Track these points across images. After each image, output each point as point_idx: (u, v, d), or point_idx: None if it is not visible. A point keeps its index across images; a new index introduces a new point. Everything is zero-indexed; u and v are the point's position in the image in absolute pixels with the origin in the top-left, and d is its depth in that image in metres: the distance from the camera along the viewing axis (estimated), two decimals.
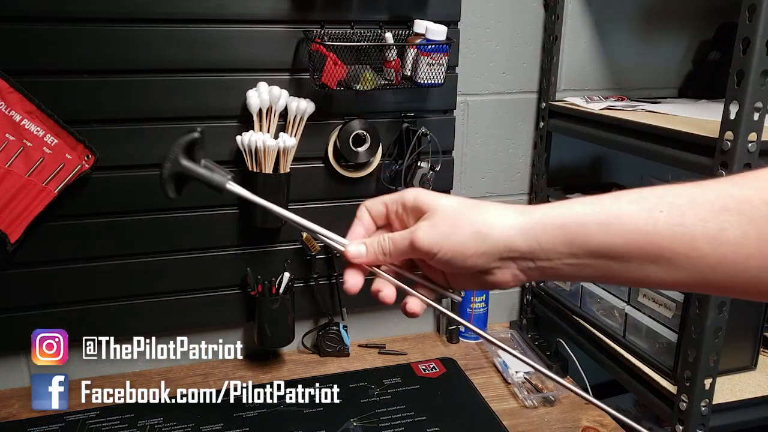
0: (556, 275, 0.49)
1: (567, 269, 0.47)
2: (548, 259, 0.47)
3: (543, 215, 0.47)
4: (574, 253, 0.46)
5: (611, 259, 0.46)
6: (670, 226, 0.43)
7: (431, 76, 1.18)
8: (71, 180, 1.13)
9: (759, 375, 1.17)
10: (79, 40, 1.11)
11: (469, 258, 0.48)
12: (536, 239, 0.47)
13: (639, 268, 0.45)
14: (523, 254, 0.48)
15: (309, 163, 1.28)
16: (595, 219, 0.46)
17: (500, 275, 0.49)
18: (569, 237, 0.46)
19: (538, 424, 1.17)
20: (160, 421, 1.13)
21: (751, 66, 0.87)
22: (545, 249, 0.47)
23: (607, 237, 0.45)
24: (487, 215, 0.49)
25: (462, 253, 0.48)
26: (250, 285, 1.28)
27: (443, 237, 0.48)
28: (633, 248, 0.44)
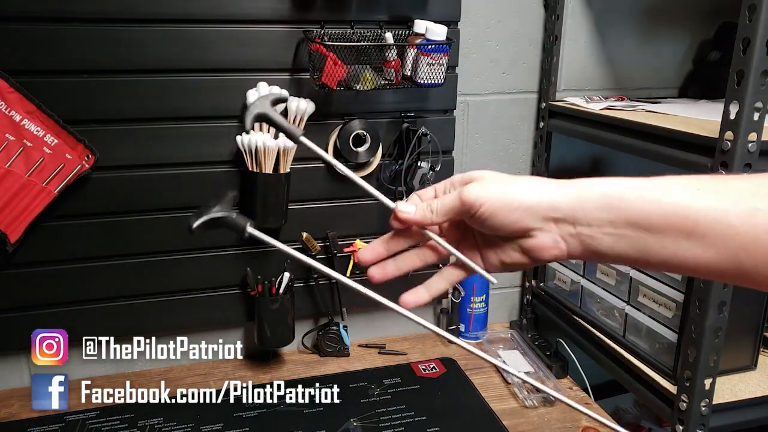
0: (593, 248, 0.49)
1: (605, 240, 0.48)
2: (588, 224, 0.48)
3: (584, 183, 0.50)
4: (613, 221, 0.48)
5: (647, 231, 0.46)
6: (706, 202, 0.45)
7: (431, 76, 1.18)
8: (71, 180, 1.13)
9: (759, 375, 1.17)
10: (79, 40, 1.11)
11: (514, 211, 0.49)
12: (579, 202, 0.48)
13: (674, 243, 0.46)
14: (566, 216, 0.49)
15: (309, 163, 1.28)
16: (635, 189, 0.48)
17: (542, 238, 0.50)
18: (609, 204, 0.48)
19: (538, 424, 1.17)
20: (160, 421, 1.13)
21: (751, 66, 0.87)
22: (586, 212, 0.48)
23: (645, 206, 0.46)
24: (532, 179, 0.51)
25: (508, 205, 0.50)
26: (250, 285, 1.28)
27: (490, 190, 0.50)
28: (669, 220, 0.45)
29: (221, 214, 0.59)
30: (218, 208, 0.59)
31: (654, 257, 0.47)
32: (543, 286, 1.50)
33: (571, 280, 1.39)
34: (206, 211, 0.60)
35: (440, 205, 0.53)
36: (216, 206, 0.60)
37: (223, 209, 0.59)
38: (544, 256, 0.51)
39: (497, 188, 0.50)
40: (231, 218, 0.59)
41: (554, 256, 0.51)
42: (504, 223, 0.50)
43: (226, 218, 0.59)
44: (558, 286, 1.45)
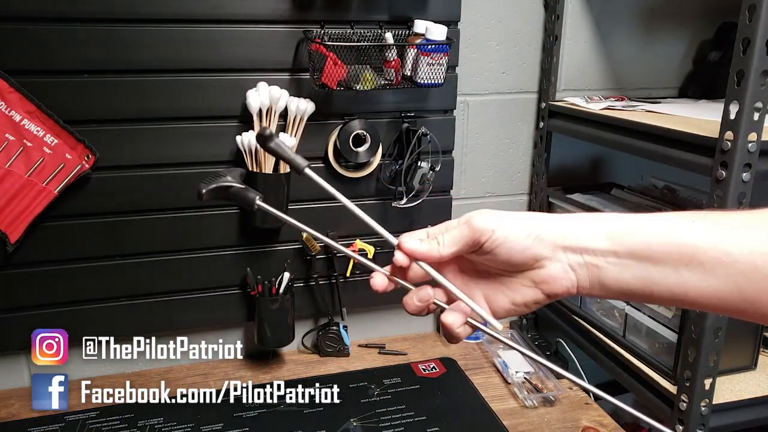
0: (600, 279, 0.50)
1: (610, 270, 0.49)
2: (594, 253, 0.49)
3: (586, 215, 0.51)
4: (616, 251, 0.48)
5: (649, 262, 0.47)
6: (704, 231, 0.46)
7: (431, 76, 1.18)
8: (71, 180, 1.13)
9: (759, 375, 1.17)
10: (79, 40, 1.11)
11: (525, 238, 0.49)
12: (583, 230, 0.49)
13: (675, 273, 0.47)
14: (573, 244, 0.49)
15: (309, 163, 1.27)
16: (634, 221, 0.49)
17: (553, 268, 0.50)
18: (610, 233, 0.49)
19: (538, 424, 1.17)
20: (160, 421, 1.13)
21: (751, 66, 0.87)
22: (591, 241, 0.49)
23: (644, 237, 0.48)
24: (534, 213, 0.52)
25: (518, 231, 0.50)
26: (250, 285, 1.28)
27: (502, 217, 0.50)
28: (668, 249, 0.46)
29: (233, 183, 0.59)
30: (229, 179, 0.59)
31: (657, 288, 0.48)
32: None
33: None
34: (217, 179, 0.59)
35: (448, 237, 0.52)
36: (227, 176, 0.59)
37: (234, 180, 0.59)
38: (557, 288, 0.51)
39: (507, 217, 0.50)
40: (241, 189, 0.59)
41: (566, 288, 0.51)
42: (516, 250, 0.50)
43: (237, 189, 0.58)
44: None
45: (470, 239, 0.50)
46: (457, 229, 0.51)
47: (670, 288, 0.47)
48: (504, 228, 0.49)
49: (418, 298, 0.53)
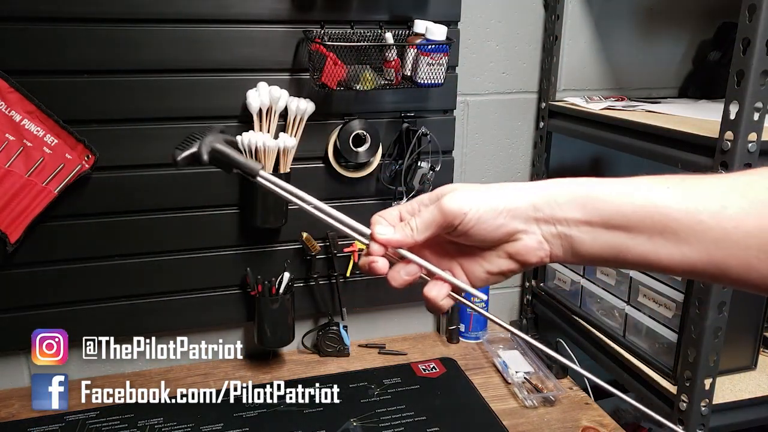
0: (574, 248, 0.49)
1: (583, 239, 0.48)
2: (567, 223, 0.48)
3: (556, 183, 0.50)
4: (589, 221, 0.48)
5: (622, 230, 0.47)
6: (677, 199, 0.45)
7: (431, 76, 1.18)
8: (71, 180, 1.13)
9: (759, 375, 1.17)
10: (78, 40, 1.11)
11: (498, 215, 0.49)
12: (555, 199, 0.48)
13: (648, 241, 0.46)
14: (545, 215, 0.49)
15: (309, 163, 1.28)
16: (607, 189, 0.48)
17: (527, 240, 0.50)
18: (583, 201, 0.48)
19: (538, 424, 1.17)
20: (160, 421, 1.13)
21: (751, 66, 0.87)
22: (563, 210, 0.48)
23: (618, 205, 0.47)
24: (506, 184, 0.51)
25: (492, 210, 0.49)
26: (250, 285, 1.28)
27: (472, 197, 0.49)
28: (642, 218, 0.46)
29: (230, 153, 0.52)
30: (211, 138, 0.52)
31: (630, 256, 0.48)
32: (543, 286, 1.50)
33: (571, 280, 1.39)
34: (195, 142, 0.52)
35: (420, 222, 0.51)
36: (209, 137, 0.52)
37: (225, 143, 0.52)
38: (531, 258, 0.50)
39: (477, 195, 0.49)
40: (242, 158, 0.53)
41: (540, 258, 0.50)
42: (489, 229, 0.49)
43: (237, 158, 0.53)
44: (558, 286, 1.45)
45: (443, 223, 0.50)
46: (429, 213, 0.50)
47: (643, 255, 0.47)
48: (475, 208, 0.49)
49: (405, 272, 0.53)
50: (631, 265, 0.49)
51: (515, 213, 0.49)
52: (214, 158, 0.52)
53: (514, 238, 0.50)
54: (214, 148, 0.52)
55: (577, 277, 1.37)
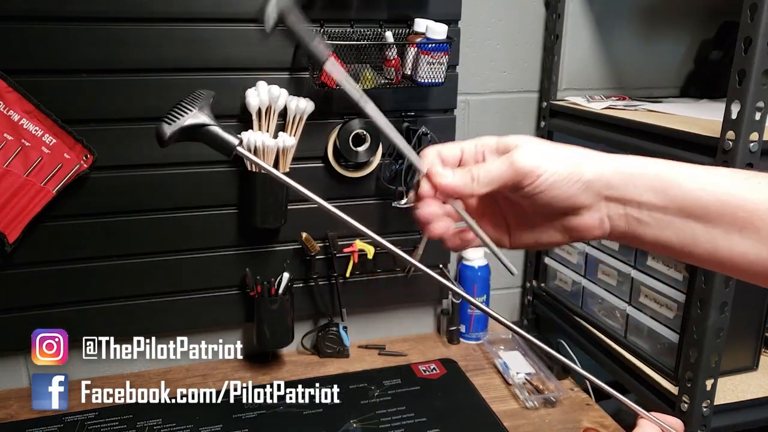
0: (638, 233, 0.46)
1: (652, 225, 0.45)
2: (638, 206, 0.45)
3: (636, 161, 0.46)
4: (665, 206, 0.45)
5: (699, 220, 0.44)
6: (763, 194, 0.43)
7: (431, 75, 1.18)
8: (70, 180, 1.13)
9: (761, 375, 1.16)
10: (77, 40, 1.11)
11: (574, 184, 0.45)
12: (632, 181, 0.45)
13: (724, 236, 0.44)
14: (618, 195, 0.46)
15: (308, 162, 1.27)
16: (690, 176, 0.45)
17: (588, 218, 0.47)
18: (664, 186, 0.45)
19: (539, 425, 1.16)
20: (159, 422, 1.13)
21: (752, 65, 0.86)
22: (639, 193, 0.45)
23: (701, 194, 0.44)
24: (583, 151, 0.46)
25: (568, 177, 0.45)
26: (249, 285, 1.28)
27: (548, 157, 0.44)
28: (725, 210, 0.43)
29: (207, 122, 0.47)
30: (198, 115, 0.48)
31: (699, 249, 0.45)
32: (544, 286, 1.50)
33: (572, 281, 1.38)
34: (184, 114, 0.48)
35: (484, 173, 0.45)
36: (194, 109, 0.48)
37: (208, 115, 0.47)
38: (587, 236, 0.47)
39: (554, 155, 0.45)
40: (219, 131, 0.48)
41: (596, 236, 0.47)
42: (558, 198, 0.45)
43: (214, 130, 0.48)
44: (559, 286, 1.45)
45: (511, 180, 0.45)
46: (498, 166, 0.45)
47: (713, 250, 0.44)
48: (551, 171, 0.44)
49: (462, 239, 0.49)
50: (695, 259, 0.46)
51: (589, 185, 0.45)
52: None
53: (578, 212, 0.47)
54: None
55: (578, 278, 1.36)
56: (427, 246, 1.34)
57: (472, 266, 1.43)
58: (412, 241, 1.37)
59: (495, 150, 0.48)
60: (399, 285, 1.40)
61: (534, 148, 0.45)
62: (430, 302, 1.50)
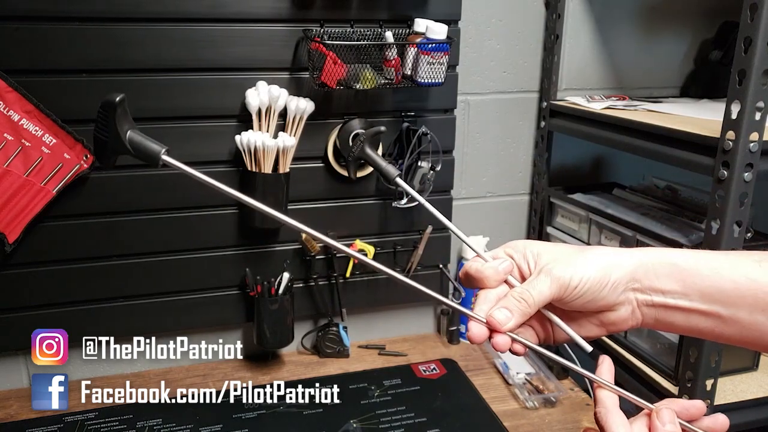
0: (667, 320, 0.50)
1: (679, 311, 0.49)
2: (663, 294, 0.49)
3: (653, 253, 0.50)
4: (686, 293, 0.49)
5: (721, 305, 0.48)
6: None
7: (431, 75, 1.18)
8: (70, 180, 1.13)
9: (760, 375, 1.16)
10: (77, 40, 1.11)
11: (603, 288, 0.49)
12: (654, 271, 0.50)
13: (749, 316, 0.47)
14: (643, 286, 0.50)
15: (308, 162, 1.27)
16: (706, 264, 0.49)
17: (622, 311, 0.51)
18: (682, 275, 0.49)
19: (539, 425, 1.16)
20: (158, 422, 1.13)
21: (752, 65, 0.86)
22: (661, 282, 0.49)
23: (718, 280, 0.48)
24: (603, 252, 0.51)
25: (599, 282, 0.49)
26: (249, 285, 1.27)
27: (580, 269, 0.50)
28: (743, 294, 0.47)
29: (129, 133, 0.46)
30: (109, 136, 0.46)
31: (728, 330, 0.48)
32: None
33: None
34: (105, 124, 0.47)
35: (537, 296, 0.50)
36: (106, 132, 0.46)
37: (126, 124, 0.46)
38: (622, 327, 0.52)
39: (584, 265, 0.50)
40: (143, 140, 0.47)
41: (631, 326, 0.52)
42: (593, 300, 0.50)
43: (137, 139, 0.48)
44: None
45: (557, 295, 0.50)
46: (544, 285, 0.50)
47: (742, 330, 0.48)
48: (588, 277, 0.49)
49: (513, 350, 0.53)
50: (727, 339, 0.49)
51: (617, 285, 0.50)
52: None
53: (612, 309, 0.51)
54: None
55: None
56: (427, 246, 1.35)
57: None
58: (411, 240, 1.37)
59: (525, 264, 0.53)
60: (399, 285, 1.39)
61: (566, 264, 0.50)
62: (430, 302, 1.50)
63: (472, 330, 0.51)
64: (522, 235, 1.53)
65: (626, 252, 0.51)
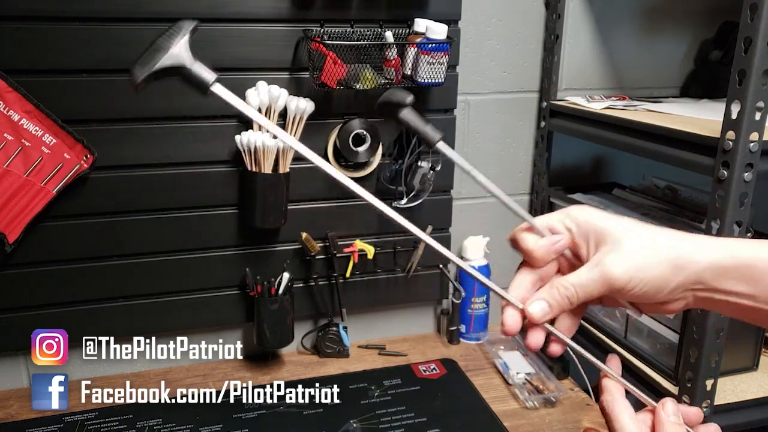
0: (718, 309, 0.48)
1: (739, 307, 0.47)
2: (726, 294, 0.46)
3: (731, 250, 0.46)
4: (755, 296, 0.46)
5: None
6: None
7: (431, 75, 1.18)
8: (70, 180, 1.13)
9: (761, 375, 1.16)
10: (77, 40, 1.11)
11: (663, 290, 0.46)
12: (724, 274, 0.46)
13: None
14: (707, 287, 0.46)
15: (309, 162, 1.26)
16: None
17: (676, 306, 0.48)
18: (756, 278, 0.45)
19: (539, 425, 1.16)
20: (158, 422, 1.13)
21: (752, 65, 0.86)
22: (731, 285, 0.46)
23: None
24: (683, 244, 0.47)
25: (656, 287, 0.46)
26: (249, 285, 1.27)
27: (642, 271, 0.46)
28: None
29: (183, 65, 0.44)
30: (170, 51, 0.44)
31: None
32: None
33: None
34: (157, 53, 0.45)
35: (581, 293, 0.47)
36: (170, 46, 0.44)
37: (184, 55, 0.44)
38: (666, 314, 0.52)
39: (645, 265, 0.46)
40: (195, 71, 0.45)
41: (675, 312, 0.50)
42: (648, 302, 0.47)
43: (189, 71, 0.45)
44: None
45: (604, 291, 0.47)
46: (591, 280, 0.46)
47: None
48: (646, 281, 0.45)
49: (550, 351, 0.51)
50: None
51: (679, 288, 0.46)
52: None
53: (668, 302, 0.48)
54: None
55: None
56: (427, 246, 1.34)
57: (472, 266, 1.43)
58: (411, 241, 1.37)
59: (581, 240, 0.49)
60: (399, 285, 1.40)
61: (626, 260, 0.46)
62: (430, 302, 1.50)
63: (507, 320, 0.49)
64: None
65: (702, 248, 0.46)
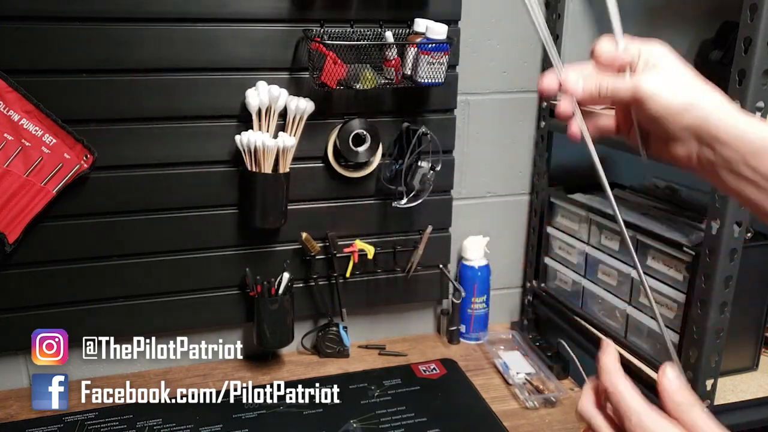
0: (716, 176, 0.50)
1: (731, 178, 0.48)
2: (727, 161, 0.48)
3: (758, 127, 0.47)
4: (755, 167, 0.47)
5: None
6: None
7: (431, 75, 1.18)
8: (70, 180, 1.13)
9: (761, 375, 1.16)
10: (77, 39, 1.11)
11: (675, 120, 0.50)
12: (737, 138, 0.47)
13: None
14: (712, 139, 0.48)
15: (309, 162, 1.27)
16: None
17: (680, 149, 0.51)
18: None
19: (539, 425, 1.16)
20: (158, 422, 1.13)
21: (752, 65, 0.87)
22: (734, 150, 0.47)
23: None
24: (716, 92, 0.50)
25: (672, 113, 0.50)
26: (249, 285, 1.27)
27: (664, 90, 0.51)
28: None
29: None
30: None
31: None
32: (544, 286, 1.49)
33: (572, 281, 1.38)
34: None
35: (612, 90, 0.53)
36: None
37: None
38: (677, 162, 0.53)
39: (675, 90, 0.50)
40: None
41: (684, 165, 0.52)
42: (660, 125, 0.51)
43: None
44: (559, 286, 1.45)
45: (629, 99, 0.52)
46: (622, 86, 0.52)
47: None
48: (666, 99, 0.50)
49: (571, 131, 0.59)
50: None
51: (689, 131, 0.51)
52: None
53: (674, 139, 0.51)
54: None
55: (578, 278, 1.36)
56: (427, 246, 1.35)
57: (472, 266, 1.43)
58: (411, 241, 1.37)
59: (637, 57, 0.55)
60: (399, 285, 1.40)
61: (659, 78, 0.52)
62: (430, 302, 1.50)
63: (545, 79, 0.57)
64: (522, 235, 1.53)
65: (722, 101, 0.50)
